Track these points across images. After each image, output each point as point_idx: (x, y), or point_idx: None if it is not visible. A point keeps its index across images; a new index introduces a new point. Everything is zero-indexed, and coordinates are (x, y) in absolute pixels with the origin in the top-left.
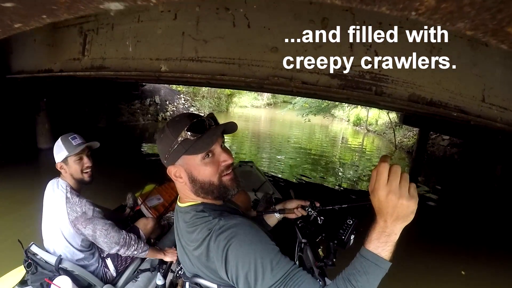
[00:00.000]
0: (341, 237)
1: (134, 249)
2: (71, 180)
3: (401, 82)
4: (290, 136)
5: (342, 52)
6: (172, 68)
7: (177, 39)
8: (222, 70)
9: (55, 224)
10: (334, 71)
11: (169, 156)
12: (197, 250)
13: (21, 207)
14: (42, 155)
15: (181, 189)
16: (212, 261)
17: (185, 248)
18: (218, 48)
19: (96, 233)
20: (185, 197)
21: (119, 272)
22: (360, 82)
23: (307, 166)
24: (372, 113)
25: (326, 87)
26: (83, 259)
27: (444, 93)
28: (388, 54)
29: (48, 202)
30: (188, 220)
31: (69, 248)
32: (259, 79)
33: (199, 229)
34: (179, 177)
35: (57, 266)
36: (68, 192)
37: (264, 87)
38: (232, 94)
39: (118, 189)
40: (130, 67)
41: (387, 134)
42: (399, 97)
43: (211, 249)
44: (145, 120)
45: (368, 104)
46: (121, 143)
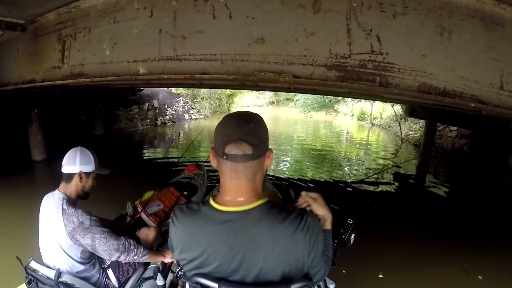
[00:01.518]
0: (341, 236)
1: (134, 254)
2: (75, 192)
3: (409, 71)
4: (294, 134)
5: (338, 39)
6: (151, 70)
7: (154, 38)
8: (203, 68)
9: (52, 237)
10: (331, 62)
11: (266, 142)
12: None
13: (18, 221)
14: (36, 168)
15: (259, 182)
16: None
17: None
18: (197, 44)
19: (95, 242)
20: (253, 196)
21: (121, 283)
22: (362, 73)
23: (312, 164)
24: (376, 106)
25: (322, 80)
26: (84, 271)
27: (458, 81)
28: (392, 39)
29: (44, 216)
30: (276, 217)
31: (68, 261)
32: (244, 75)
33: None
34: (269, 164)
35: (57, 280)
36: (64, 204)
37: (248, 85)
38: (233, 94)
39: (118, 198)
40: (108, 72)
41: (392, 127)
42: (407, 88)
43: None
44: (144, 125)
45: (372, 97)
46: (120, 150)
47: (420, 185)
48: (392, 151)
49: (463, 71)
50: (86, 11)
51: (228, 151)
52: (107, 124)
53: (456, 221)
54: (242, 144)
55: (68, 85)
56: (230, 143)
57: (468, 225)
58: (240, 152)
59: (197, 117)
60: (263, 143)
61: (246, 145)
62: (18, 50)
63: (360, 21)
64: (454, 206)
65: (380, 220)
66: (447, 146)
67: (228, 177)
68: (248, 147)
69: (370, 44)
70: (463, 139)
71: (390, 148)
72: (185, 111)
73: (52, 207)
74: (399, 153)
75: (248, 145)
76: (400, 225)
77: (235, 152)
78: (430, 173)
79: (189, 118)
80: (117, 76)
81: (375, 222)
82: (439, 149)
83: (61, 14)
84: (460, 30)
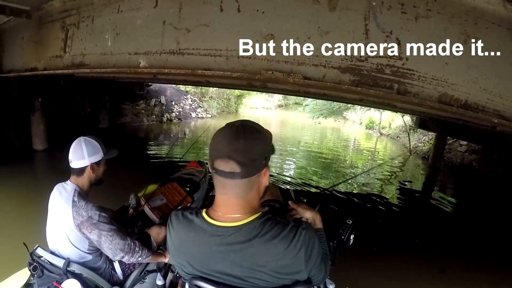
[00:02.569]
0: (340, 237)
1: (139, 255)
2: (88, 183)
3: (430, 79)
4: (301, 139)
5: (355, 39)
6: (152, 63)
7: (158, 30)
8: (207, 64)
9: (60, 228)
10: (345, 64)
11: (268, 158)
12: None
13: (16, 210)
14: (36, 157)
15: (252, 199)
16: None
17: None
18: (202, 38)
19: (101, 239)
20: (245, 212)
21: (126, 275)
22: (379, 78)
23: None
24: (385, 116)
25: (335, 83)
26: (91, 261)
27: (481, 94)
28: (413, 43)
29: (53, 206)
30: (268, 231)
31: (75, 251)
32: (250, 73)
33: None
34: (264, 183)
35: (65, 269)
36: (75, 196)
37: (256, 85)
38: (242, 95)
39: (121, 190)
40: (109, 63)
41: (401, 138)
42: (427, 98)
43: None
44: (149, 121)
45: (384, 106)
46: (124, 144)
47: (427, 200)
48: (399, 163)
49: (486, 83)
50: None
51: (216, 166)
52: (112, 117)
53: (462, 240)
54: (229, 161)
55: (73, 76)
56: (218, 158)
57: (475, 246)
58: (228, 169)
59: (204, 116)
60: (255, 161)
61: (234, 163)
62: (23, 37)
63: (379, 22)
64: (461, 225)
65: (385, 235)
66: (456, 160)
67: (218, 191)
68: (235, 165)
69: (389, 47)
70: (473, 155)
71: (397, 159)
72: (192, 109)
73: (63, 198)
74: (406, 165)
75: (236, 163)
76: (405, 242)
77: (222, 169)
78: (438, 187)
79: (196, 117)
80: (117, 68)
81: (380, 237)
82: (448, 163)
83: (66, 2)
84: (485, 38)
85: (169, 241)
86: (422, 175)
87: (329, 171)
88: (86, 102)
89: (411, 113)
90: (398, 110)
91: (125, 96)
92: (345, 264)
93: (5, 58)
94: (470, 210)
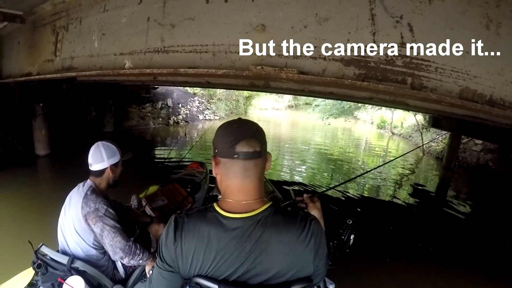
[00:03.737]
0: (340, 237)
1: (139, 258)
2: (106, 183)
3: (449, 71)
4: (311, 140)
5: (359, 26)
6: (136, 64)
7: (142, 27)
8: (192, 62)
9: (69, 218)
10: (349, 55)
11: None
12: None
13: (17, 214)
14: (39, 163)
15: (262, 183)
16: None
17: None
18: (187, 33)
19: (104, 233)
20: (258, 198)
21: (128, 274)
22: (389, 71)
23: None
24: (397, 115)
25: (338, 78)
26: (94, 256)
27: (507, 88)
28: (427, 29)
29: (68, 200)
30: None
31: (82, 244)
32: (238, 70)
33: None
34: (269, 166)
35: (70, 265)
36: (89, 190)
37: (258, 85)
38: (251, 96)
39: (122, 190)
40: (96, 65)
41: (413, 137)
42: (446, 93)
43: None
44: (156, 124)
45: (395, 105)
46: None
47: (441, 203)
48: (412, 163)
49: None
50: (79, 0)
51: (239, 149)
52: (117, 121)
53: (480, 248)
54: (252, 141)
55: (75, 80)
56: (241, 141)
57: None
58: (251, 149)
59: (212, 118)
60: (265, 142)
61: (256, 142)
62: (19, 43)
63: (387, 5)
64: (478, 230)
65: (398, 243)
66: (471, 160)
67: (238, 177)
68: (258, 144)
69: (400, 34)
70: (489, 154)
71: (410, 159)
72: (200, 111)
73: (78, 192)
74: (419, 166)
75: (258, 142)
76: (420, 251)
77: (246, 150)
78: (452, 189)
79: (203, 119)
80: (104, 70)
81: (393, 246)
82: (463, 163)
83: (57, 5)
84: (509, 23)
85: (174, 251)
86: (435, 176)
87: (339, 173)
88: (91, 106)
89: (424, 112)
90: (410, 109)
91: (131, 99)
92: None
93: (4, 64)
94: (486, 213)
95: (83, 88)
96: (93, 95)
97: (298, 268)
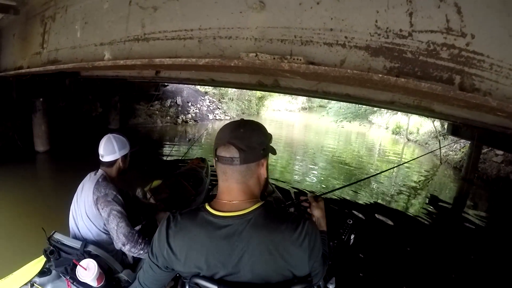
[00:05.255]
0: (341, 236)
1: (140, 248)
2: (116, 172)
3: (507, 70)
4: (324, 144)
5: (391, 4)
6: (115, 55)
7: (123, 13)
8: (175, 50)
9: (81, 203)
10: (377, 42)
11: (266, 150)
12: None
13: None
14: (38, 159)
15: (253, 187)
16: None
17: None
18: (170, 17)
19: (110, 217)
20: (247, 199)
21: (136, 259)
22: (431, 65)
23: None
24: (413, 120)
25: (362, 71)
26: (105, 241)
27: None
28: (479, 13)
29: (80, 188)
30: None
31: (92, 228)
32: (227, 59)
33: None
34: (263, 174)
35: (83, 249)
36: (101, 177)
37: (266, 84)
38: (264, 96)
39: (127, 184)
40: (77, 57)
41: (429, 145)
42: (503, 99)
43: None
44: (164, 122)
45: (419, 111)
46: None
47: (459, 218)
48: (429, 171)
49: None
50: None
51: (218, 153)
52: (123, 118)
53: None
54: (230, 147)
55: (79, 74)
56: (220, 145)
57: None
58: (228, 154)
59: (222, 118)
60: (253, 149)
61: (233, 148)
62: (14, 35)
63: None
64: (501, 251)
65: (416, 269)
66: (491, 172)
67: (220, 179)
68: (235, 150)
69: (445, 17)
70: (510, 166)
71: (426, 167)
72: (210, 110)
73: (90, 180)
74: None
75: (235, 148)
76: (441, 280)
77: (223, 155)
78: (471, 202)
79: (213, 118)
80: (85, 62)
81: (411, 273)
82: (482, 174)
83: None
84: None
85: (166, 249)
86: (453, 186)
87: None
88: (97, 102)
89: (452, 120)
90: (435, 116)
91: (139, 96)
92: None
93: (2, 57)
94: (506, 229)
95: (88, 83)
96: (99, 91)
97: (292, 268)
